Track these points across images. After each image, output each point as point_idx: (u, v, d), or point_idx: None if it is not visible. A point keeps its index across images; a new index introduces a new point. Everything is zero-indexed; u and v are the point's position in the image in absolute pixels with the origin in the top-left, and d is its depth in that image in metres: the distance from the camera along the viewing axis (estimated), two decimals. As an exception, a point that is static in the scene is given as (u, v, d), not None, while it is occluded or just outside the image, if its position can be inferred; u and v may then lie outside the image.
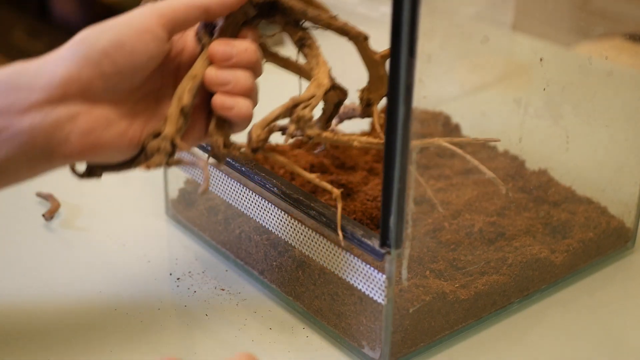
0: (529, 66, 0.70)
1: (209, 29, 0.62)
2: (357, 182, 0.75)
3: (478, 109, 0.72)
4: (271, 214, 0.67)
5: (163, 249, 0.76)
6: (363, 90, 0.67)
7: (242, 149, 0.61)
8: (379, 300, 0.59)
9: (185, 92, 0.59)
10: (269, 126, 0.60)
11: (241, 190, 0.70)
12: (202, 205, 0.75)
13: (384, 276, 0.58)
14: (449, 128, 0.86)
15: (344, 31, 0.63)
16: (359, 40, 0.64)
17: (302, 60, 0.65)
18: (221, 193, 0.72)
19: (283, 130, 0.66)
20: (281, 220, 0.66)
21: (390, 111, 0.54)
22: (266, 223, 0.68)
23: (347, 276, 0.62)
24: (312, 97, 0.61)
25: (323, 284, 0.64)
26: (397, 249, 0.58)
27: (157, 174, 0.83)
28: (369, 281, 0.60)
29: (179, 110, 0.59)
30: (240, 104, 0.60)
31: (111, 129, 0.58)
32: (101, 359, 0.63)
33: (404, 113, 0.54)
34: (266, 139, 0.60)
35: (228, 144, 0.61)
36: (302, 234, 0.65)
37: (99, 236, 0.77)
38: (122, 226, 0.79)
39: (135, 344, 0.64)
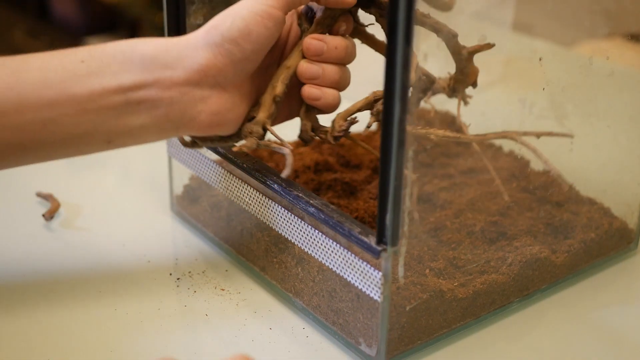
0: (529, 66, 0.70)
1: (310, 14, 0.67)
2: (361, 180, 0.75)
3: (477, 109, 0.72)
4: (272, 210, 0.67)
5: (164, 248, 0.76)
6: (451, 78, 0.70)
7: (326, 134, 0.66)
8: (376, 298, 0.59)
9: (279, 82, 0.65)
10: (351, 118, 0.66)
11: (243, 187, 0.70)
12: (205, 201, 0.76)
13: (380, 273, 0.58)
14: (455, 128, 0.85)
15: (436, 29, 0.66)
16: (449, 38, 0.66)
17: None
18: (224, 190, 0.72)
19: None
20: (281, 217, 0.67)
21: (387, 109, 0.54)
22: (267, 220, 0.68)
23: (344, 273, 0.62)
24: None
25: (322, 280, 0.64)
26: (394, 247, 0.57)
27: (161, 171, 0.83)
28: (366, 278, 0.60)
29: (272, 98, 0.65)
30: (327, 95, 0.65)
31: (234, 110, 0.64)
32: (101, 359, 0.63)
33: (399, 111, 0.54)
34: (347, 129, 0.66)
35: (316, 128, 0.67)
36: (301, 231, 0.65)
37: (99, 236, 0.77)
38: (122, 226, 0.79)
39: (135, 344, 0.64)
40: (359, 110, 0.66)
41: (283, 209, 0.66)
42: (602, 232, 0.74)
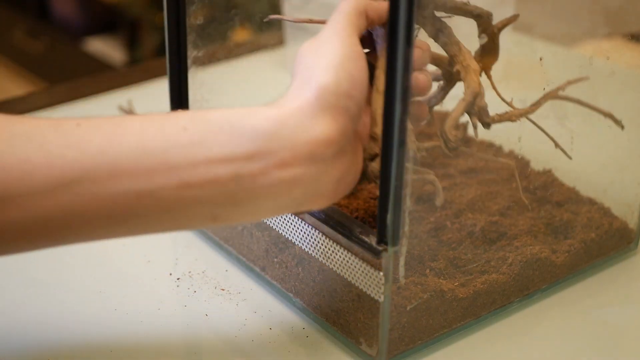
0: (529, 66, 0.70)
1: (370, 37, 0.63)
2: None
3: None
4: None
5: (164, 248, 0.76)
6: (475, 56, 0.68)
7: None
8: (376, 298, 0.59)
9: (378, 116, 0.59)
10: (461, 124, 0.64)
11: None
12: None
13: (381, 273, 0.58)
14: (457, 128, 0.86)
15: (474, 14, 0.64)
16: (485, 20, 0.65)
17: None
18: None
19: None
20: (282, 217, 0.67)
21: (387, 109, 0.54)
22: (267, 220, 0.68)
23: (345, 273, 0.62)
24: (479, 84, 0.63)
25: (322, 280, 0.64)
26: (394, 247, 0.57)
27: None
28: (366, 278, 0.60)
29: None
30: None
31: (352, 167, 0.58)
32: (101, 359, 0.63)
33: (400, 110, 0.54)
34: (464, 136, 0.63)
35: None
36: (302, 231, 0.65)
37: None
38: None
39: (135, 344, 0.64)
40: (463, 113, 0.63)
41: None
42: (602, 232, 0.74)
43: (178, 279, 0.72)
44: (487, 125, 0.63)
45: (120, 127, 0.54)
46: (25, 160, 0.52)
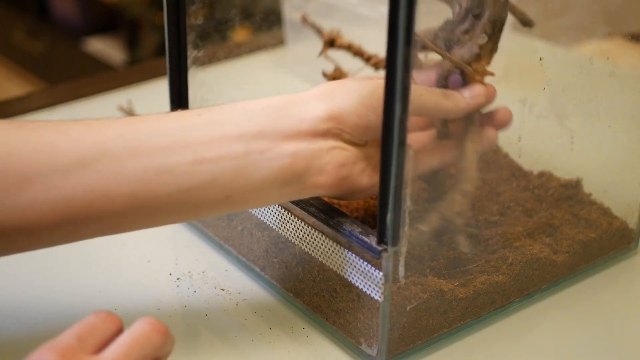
0: (529, 66, 0.70)
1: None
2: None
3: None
4: (272, 210, 0.67)
5: (164, 248, 0.76)
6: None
7: None
8: (376, 298, 0.59)
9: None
10: None
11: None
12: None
13: (381, 273, 0.58)
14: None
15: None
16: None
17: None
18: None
19: None
20: (282, 217, 0.67)
21: (387, 109, 0.54)
22: (267, 220, 0.68)
23: (345, 273, 0.62)
24: None
25: (322, 280, 0.64)
26: (394, 247, 0.58)
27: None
28: (366, 278, 0.60)
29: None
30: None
31: (359, 164, 0.61)
32: (100, 358, 0.63)
33: (400, 110, 0.54)
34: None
35: None
36: (302, 231, 0.65)
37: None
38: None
39: (135, 343, 0.64)
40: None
41: (283, 209, 0.66)
42: (602, 232, 0.74)
43: (178, 279, 0.72)
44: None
45: (137, 119, 0.59)
46: (49, 143, 0.56)
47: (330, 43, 0.68)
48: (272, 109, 0.60)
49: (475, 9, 0.63)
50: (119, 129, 0.58)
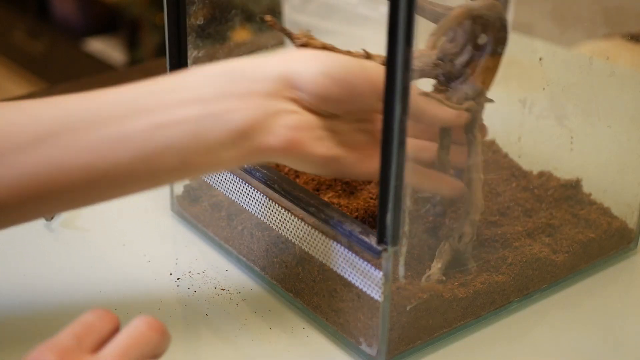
0: (529, 66, 0.70)
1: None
2: (362, 180, 0.75)
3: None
4: (272, 210, 0.67)
5: (164, 248, 0.76)
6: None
7: None
8: (376, 297, 0.59)
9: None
10: None
11: (244, 187, 0.70)
12: (206, 201, 0.76)
13: (381, 273, 0.58)
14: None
15: None
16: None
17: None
18: (224, 190, 0.72)
19: None
20: (282, 217, 0.67)
21: (387, 109, 0.54)
22: (268, 220, 0.68)
23: (345, 273, 0.62)
24: None
25: (322, 280, 0.64)
26: (394, 247, 0.58)
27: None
28: (366, 278, 0.60)
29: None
30: None
31: (316, 132, 0.60)
32: (101, 358, 0.63)
33: (400, 110, 0.54)
34: None
35: None
36: (302, 231, 0.65)
37: (99, 236, 0.77)
38: (122, 226, 0.79)
39: (135, 343, 0.64)
40: None
41: (283, 209, 0.66)
42: (602, 232, 0.74)
43: (178, 279, 0.72)
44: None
45: (97, 92, 0.59)
46: (11, 123, 0.57)
47: (304, 46, 0.67)
48: (230, 72, 0.59)
49: (475, 39, 0.63)
50: (77, 103, 0.58)
